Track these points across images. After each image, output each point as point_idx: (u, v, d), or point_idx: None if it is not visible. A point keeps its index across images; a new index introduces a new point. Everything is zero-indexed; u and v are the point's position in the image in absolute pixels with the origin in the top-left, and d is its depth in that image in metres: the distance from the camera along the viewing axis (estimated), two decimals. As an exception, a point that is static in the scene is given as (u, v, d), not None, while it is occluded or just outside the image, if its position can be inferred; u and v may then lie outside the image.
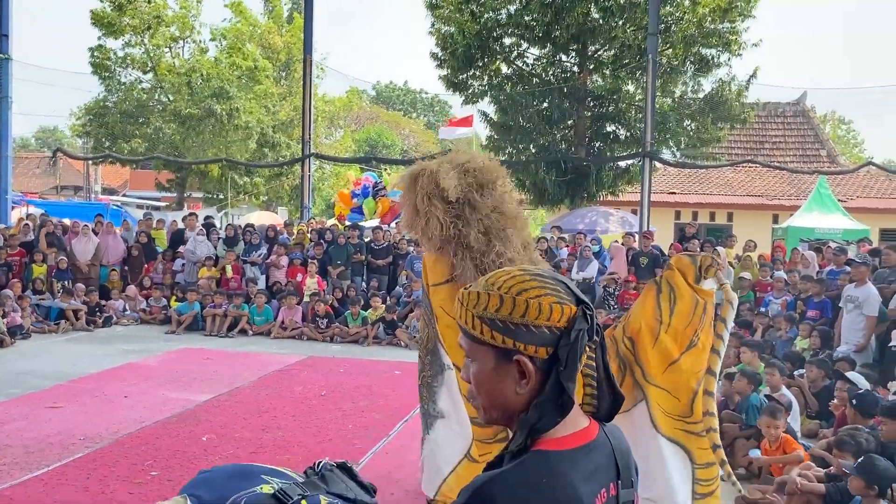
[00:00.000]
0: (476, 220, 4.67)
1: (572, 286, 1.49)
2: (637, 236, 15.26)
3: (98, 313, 13.90)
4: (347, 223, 17.25)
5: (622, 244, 14.51)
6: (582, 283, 14.11)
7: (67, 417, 7.75)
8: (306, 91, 19.65)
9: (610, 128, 20.85)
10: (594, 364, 1.49)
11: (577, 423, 1.47)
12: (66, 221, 16.44)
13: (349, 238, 15.08)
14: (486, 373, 1.48)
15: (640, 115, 18.86)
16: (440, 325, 4.88)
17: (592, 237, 15.55)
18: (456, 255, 4.74)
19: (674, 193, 25.80)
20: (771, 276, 12.61)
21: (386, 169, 25.97)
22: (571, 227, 17.37)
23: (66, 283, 14.11)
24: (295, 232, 16.23)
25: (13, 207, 20.60)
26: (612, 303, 13.27)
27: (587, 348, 1.47)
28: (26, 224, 15.91)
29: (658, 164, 20.89)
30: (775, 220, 23.26)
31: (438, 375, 5.04)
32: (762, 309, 11.57)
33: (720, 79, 19.51)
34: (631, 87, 20.44)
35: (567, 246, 15.23)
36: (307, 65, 19.57)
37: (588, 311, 1.44)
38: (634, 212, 19.79)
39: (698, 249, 14.11)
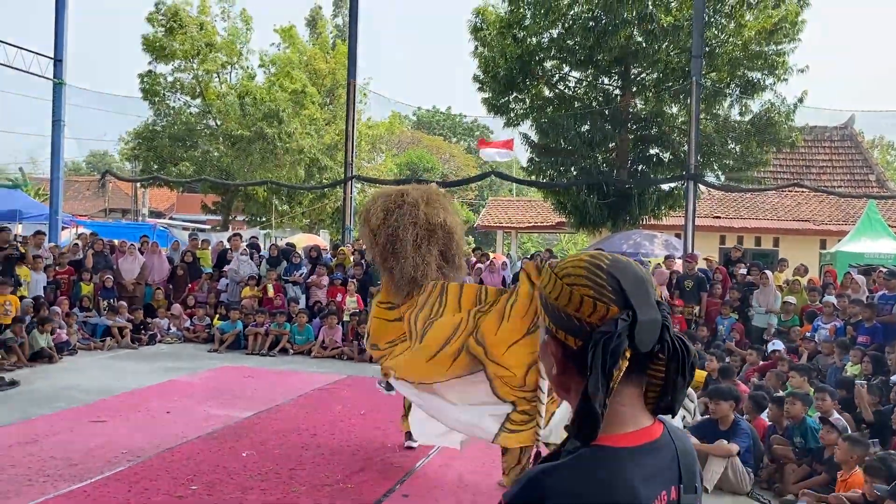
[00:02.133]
0: (379, 240, 6.50)
1: (632, 288, 1.38)
2: (678, 259, 15.03)
3: (143, 331, 14.11)
4: None
5: (664, 267, 14.26)
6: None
7: (111, 431, 7.83)
8: (349, 114, 19.86)
9: (653, 150, 20.66)
10: (662, 370, 1.40)
11: (638, 421, 1.40)
12: (115, 241, 16.76)
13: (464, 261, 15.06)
14: (542, 343, 1.49)
15: (684, 138, 18.66)
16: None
17: (636, 259, 15.33)
18: (376, 263, 6.88)
19: (718, 218, 25.43)
20: (819, 301, 12.32)
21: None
22: (615, 250, 17.12)
23: (111, 301, 14.34)
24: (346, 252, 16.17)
25: (63, 228, 21.06)
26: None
27: (656, 356, 1.39)
28: (76, 243, 16.26)
29: (702, 188, 20.60)
30: (822, 245, 22.80)
31: None
32: (808, 334, 11.29)
33: (769, 101, 19.23)
34: (674, 110, 20.24)
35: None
36: (351, 88, 19.79)
37: (625, 319, 1.34)
38: (678, 235, 19.53)
39: (745, 273, 13.87)
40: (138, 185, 35.49)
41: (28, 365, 11.32)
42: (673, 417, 1.47)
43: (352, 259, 15.60)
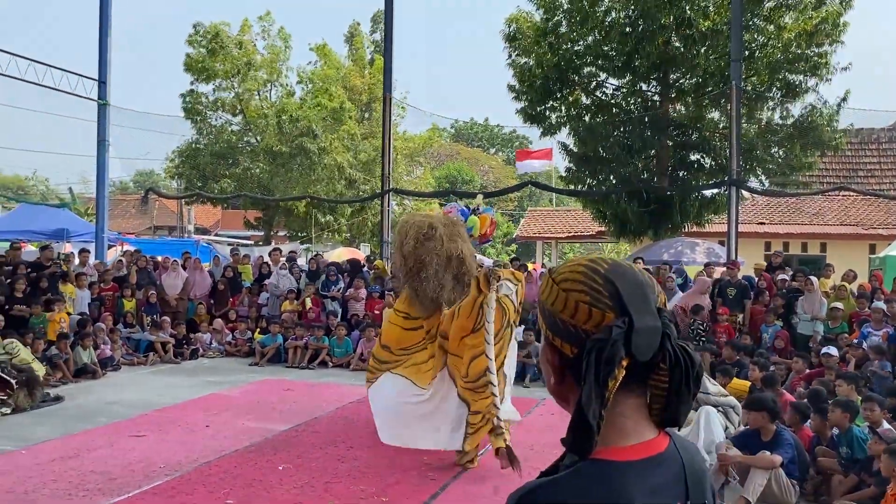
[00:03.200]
0: (408, 264, 7.74)
1: (630, 293, 1.31)
2: (718, 266, 14.75)
3: (185, 346, 14.27)
4: None
5: (705, 275, 13.98)
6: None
7: (150, 446, 7.91)
8: (386, 127, 19.92)
9: (694, 156, 20.35)
10: (665, 381, 1.32)
11: (641, 433, 1.33)
12: (158, 258, 17.03)
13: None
14: (540, 348, 1.44)
15: (726, 143, 18.33)
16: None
17: (675, 268, 15.07)
18: (400, 279, 8.44)
19: (763, 224, 24.97)
20: (868, 307, 11.96)
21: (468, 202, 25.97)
22: (656, 258, 16.87)
23: (154, 316, 14.55)
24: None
25: (110, 247, 21.46)
26: (703, 337, 12.71)
27: (658, 366, 1.31)
28: (120, 260, 16.56)
29: (746, 194, 20.19)
30: (872, 249, 22.19)
31: None
32: (856, 341, 10.95)
33: (811, 104, 18.80)
34: (715, 115, 19.93)
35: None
36: (387, 102, 19.87)
37: (620, 326, 1.27)
38: (722, 242, 19.17)
39: (785, 279, 13.58)
40: (182, 202, 36.12)
41: (73, 381, 11.53)
42: (679, 430, 1.40)
43: (389, 271, 15.62)
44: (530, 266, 18.84)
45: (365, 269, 16.45)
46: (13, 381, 9.49)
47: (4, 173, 56.83)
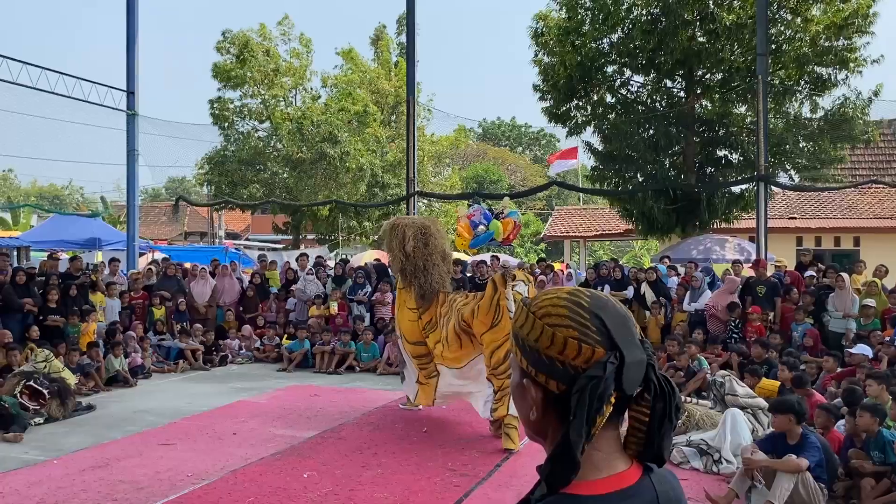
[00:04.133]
0: (415, 261, 9.11)
1: (617, 327, 1.31)
2: (747, 264, 14.57)
3: (214, 352, 14.42)
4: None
5: (733, 274, 13.80)
6: (694, 314, 13.56)
7: (178, 454, 8.00)
8: (410, 130, 19.96)
9: (721, 152, 20.12)
10: (646, 413, 1.32)
11: (613, 466, 1.31)
12: (187, 265, 17.21)
13: (453, 273, 15.10)
14: (514, 385, 1.40)
15: (753, 139, 18.08)
16: (397, 310, 10.13)
17: (703, 267, 14.88)
18: (405, 277, 9.31)
19: (794, 218, 24.61)
20: (901, 303, 11.74)
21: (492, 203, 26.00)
22: (685, 255, 16.67)
23: (184, 324, 14.72)
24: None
25: (141, 254, 21.75)
26: (737, 336, 12.56)
27: (641, 397, 1.31)
28: (150, 268, 16.77)
29: (775, 189, 19.87)
30: (907, 242, 21.77)
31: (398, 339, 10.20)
32: (888, 339, 10.74)
33: (844, 95, 18.43)
34: (742, 110, 19.68)
35: (677, 275, 14.68)
36: (410, 105, 19.91)
37: (613, 362, 1.26)
38: (752, 238, 18.91)
39: (812, 275, 13.39)
40: (212, 208, 36.51)
41: (105, 389, 11.70)
42: (660, 466, 1.38)
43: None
44: (557, 266, 18.77)
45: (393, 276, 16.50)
46: (46, 392, 9.67)
47: (40, 183, 57.92)
